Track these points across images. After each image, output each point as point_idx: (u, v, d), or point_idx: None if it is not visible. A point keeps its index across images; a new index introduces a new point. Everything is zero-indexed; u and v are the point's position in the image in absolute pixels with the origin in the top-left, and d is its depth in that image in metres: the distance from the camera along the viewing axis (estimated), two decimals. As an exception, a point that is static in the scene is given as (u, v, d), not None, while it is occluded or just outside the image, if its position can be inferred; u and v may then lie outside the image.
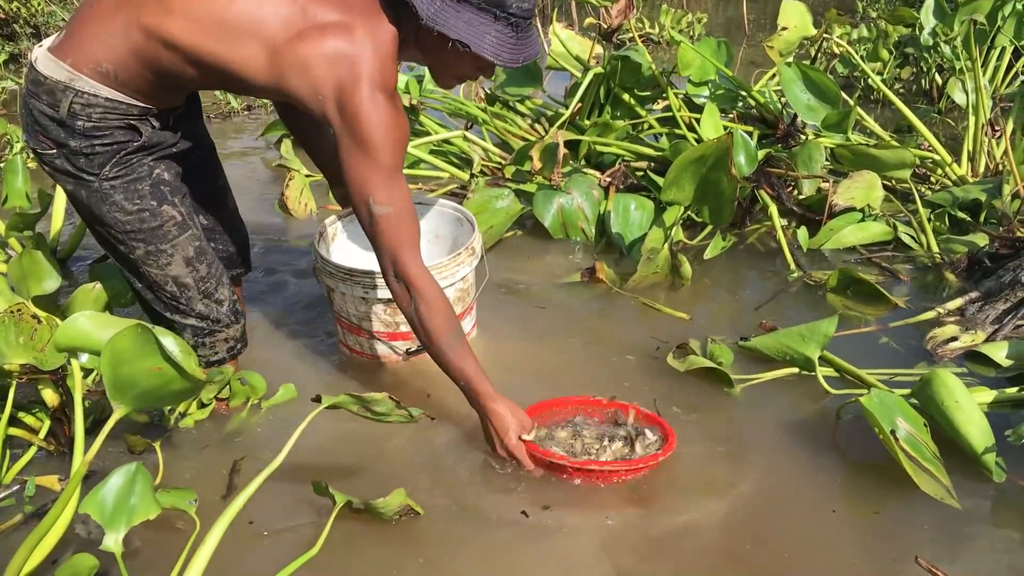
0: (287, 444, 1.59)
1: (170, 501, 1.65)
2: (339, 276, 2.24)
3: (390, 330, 2.31)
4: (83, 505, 1.42)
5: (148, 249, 1.98)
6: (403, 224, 1.85)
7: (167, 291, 2.04)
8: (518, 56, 1.82)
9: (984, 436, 1.98)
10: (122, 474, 1.44)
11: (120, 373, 1.44)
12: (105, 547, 1.40)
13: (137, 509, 1.44)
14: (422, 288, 1.87)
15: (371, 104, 1.75)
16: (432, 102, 4.14)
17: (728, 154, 2.80)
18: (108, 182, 1.89)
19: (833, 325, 2.24)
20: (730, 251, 3.19)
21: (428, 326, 1.89)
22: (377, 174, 1.80)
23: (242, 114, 5.17)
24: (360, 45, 1.75)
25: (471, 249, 2.34)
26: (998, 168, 3.58)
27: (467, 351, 1.94)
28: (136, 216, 1.93)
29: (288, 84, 1.77)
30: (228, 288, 2.14)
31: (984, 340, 2.50)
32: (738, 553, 1.78)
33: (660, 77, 3.60)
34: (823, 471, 2.03)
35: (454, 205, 2.56)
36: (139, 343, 1.41)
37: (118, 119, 1.85)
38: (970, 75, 3.74)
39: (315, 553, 1.62)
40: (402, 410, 1.72)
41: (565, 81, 4.49)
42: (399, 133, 1.80)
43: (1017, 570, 1.74)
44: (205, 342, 2.13)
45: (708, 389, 2.33)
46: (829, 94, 3.47)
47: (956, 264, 2.99)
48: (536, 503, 1.91)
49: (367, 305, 2.26)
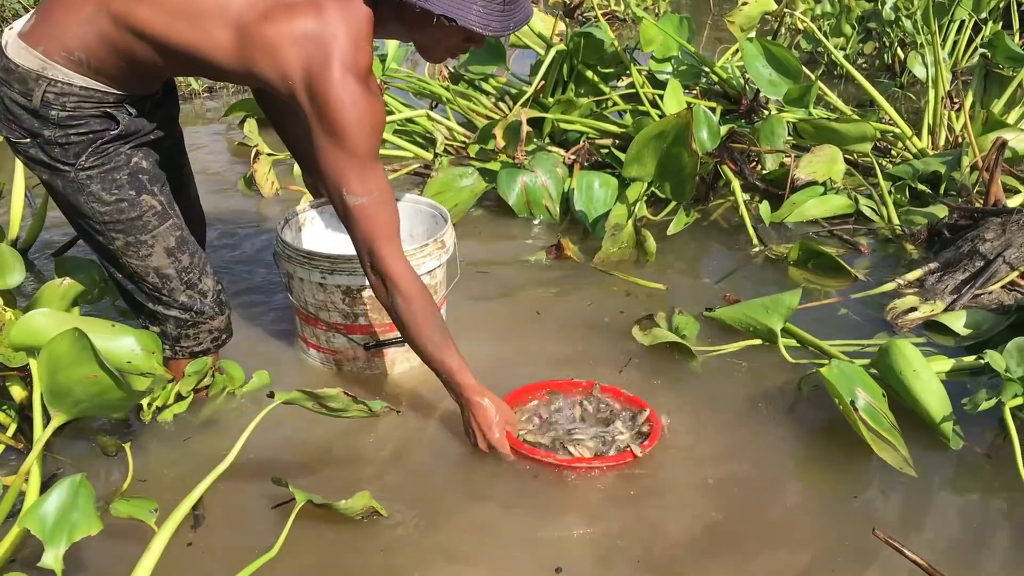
0: (236, 445, 1.52)
1: (128, 511, 1.53)
2: (297, 260, 2.17)
3: (348, 321, 2.23)
4: (23, 519, 1.33)
5: (128, 240, 1.91)
6: (380, 214, 1.79)
7: (149, 282, 1.97)
8: (508, 23, 1.73)
9: (942, 404, 2.01)
10: (64, 488, 1.34)
11: (57, 380, 1.37)
12: (44, 564, 1.31)
13: (79, 525, 1.34)
14: (399, 280, 1.82)
15: (342, 88, 1.67)
16: (396, 81, 4.11)
17: (688, 130, 2.80)
18: (84, 172, 1.83)
19: (796, 297, 2.26)
20: (694, 227, 3.20)
21: (407, 319, 1.85)
22: (350, 163, 1.73)
23: (203, 96, 5.11)
24: (331, 25, 1.67)
25: (440, 242, 2.25)
26: (957, 141, 3.62)
27: (449, 343, 1.90)
28: (114, 207, 1.87)
29: (257, 68, 1.70)
30: (212, 278, 2.07)
31: (943, 310, 2.53)
32: (695, 522, 1.79)
33: (623, 54, 3.59)
34: (784, 441, 2.05)
35: (429, 202, 2.48)
36: (76, 349, 1.34)
37: (93, 107, 1.78)
38: (930, 49, 3.77)
39: (274, 555, 1.52)
40: (360, 405, 1.65)
41: (530, 59, 4.47)
42: (373, 119, 1.72)
43: (975, 537, 1.77)
44: (189, 333, 2.06)
45: (673, 360, 2.35)
46: (791, 69, 3.48)
47: (916, 236, 3.02)
48: (509, 504, 1.86)
49: (325, 293, 2.18)
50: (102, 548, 1.65)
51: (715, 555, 1.70)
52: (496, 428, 1.93)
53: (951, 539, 1.76)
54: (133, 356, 1.62)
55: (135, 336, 1.60)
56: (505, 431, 1.94)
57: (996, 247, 2.61)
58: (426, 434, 2.09)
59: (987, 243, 2.64)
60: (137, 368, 1.63)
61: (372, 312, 2.20)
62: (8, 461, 1.95)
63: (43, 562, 1.31)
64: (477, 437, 1.95)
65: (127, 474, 1.84)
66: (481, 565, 1.69)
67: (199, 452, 1.98)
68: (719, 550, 1.71)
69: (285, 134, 2.33)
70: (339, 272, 2.14)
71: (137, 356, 1.61)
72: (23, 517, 1.33)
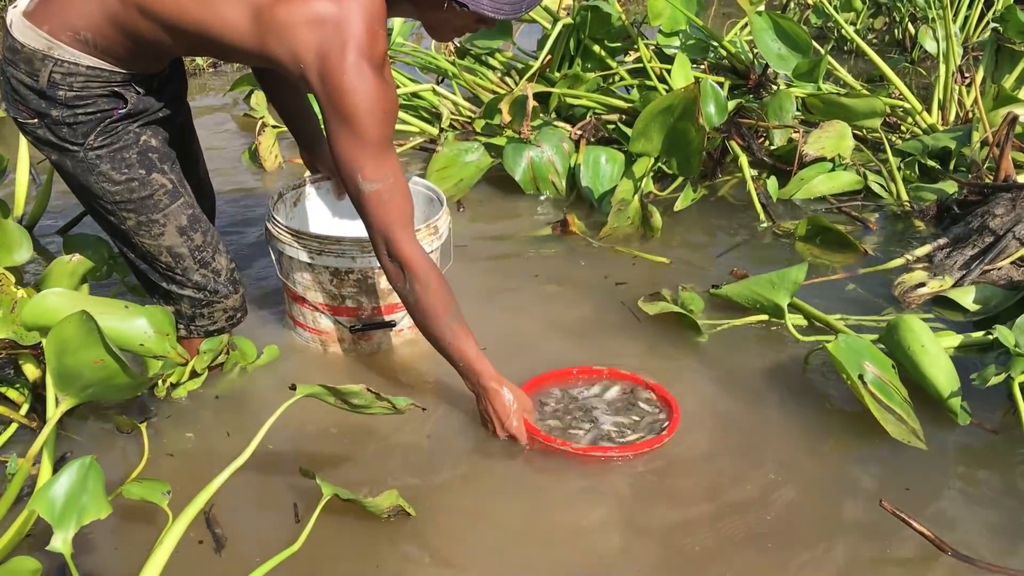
0: (256, 436, 1.46)
1: (140, 493, 1.51)
2: (285, 238, 2.13)
3: (335, 303, 2.19)
4: (33, 501, 1.31)
5: (139, 220, 1.89)
6: (395, 200, 1.77)
7: (162, 262, 1.95)
8: (520, 6, 1.70)
9: (950, 380, 2.00)
10: (73, 470, 1.32)
11: (65, 363, 1.34)
12: (52, 548, 1.28)
13: (88, 508, 1.31)
14: (416, 267, 1.79)
15: (356, 75, 1.64)
16: (402, 56, 4.08)
17: (696, 104, 2.77)
18: (93, 152, 1.81)
19: (803, 272, 2.24)
20: (701, 202, 3.18)
21: (424, 306, 1.82)
22: (364, 149, 1.71)
23: (207, 72, 5.08)
24: (346, 8, 1.63)
25: (433, 227, 2.18)
26: (968, 116, 3.59)
27: (466, 330, 1.87)
28: (124, 186, 1.85)
29: (268, 49, 1.68)
30: (226, 256, 2.05)
31: (952, 285, 2.51)
32: (702, 497, 1.79)
33: (630, 27, 3.56)
34: (791, 415, 2.04)
35: (427, 184, 2.42)
36: (83, 332, 1.31)
37: (101, 87, 1.76)
38: (941, 23, 3.72)
39: (296, 550, 1.46)
40: (383, 401, 1.59)
41: (537, 34, 4.43)
42: (387, 105, 1.70)
43: (982, 511, 1.76)
44: (203, 312, 2.04)
45: (679, 336, 2.34)
46: (800, 43, 3.44)
47: (925, 212, 3.00)
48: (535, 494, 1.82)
49: (312, 273, 2.15)
50: (114, 530, 1.64)
51: (725, 528, 1.70)
52: (514, 416, 1.89)
53: (958, 513, 1.75)
54: (146, 338, 1.58)
55: (148, 317, 1.55)
56: (523, 419, 1.91)
57: (1006, 223, 2.59)
58: (449, 426, 2.02)
59: (997, 219, 2.62)
60: (150, 351, 1.60)
61: (360, 295, 2.17)
62: (21, 439, 1.93)
63: (52, 546, 1.28)
64: (495, 425, 1.92)
65: (142, 454, 1.83)
66: (503, 563, 1.65)
67: (215, 432, 1.97)
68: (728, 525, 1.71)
69: (282, 108, 2.31)
70: (327, 253, 2.09)
71: (150, 338, 1.57)
72: (33, 500, 1.31)
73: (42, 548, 1.33)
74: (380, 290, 2.18)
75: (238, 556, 1.61)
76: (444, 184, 3.24)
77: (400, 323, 2.24)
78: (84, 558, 1.59)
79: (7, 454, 1.86)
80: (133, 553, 1.58)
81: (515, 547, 1.68)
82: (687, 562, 1.63)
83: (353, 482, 1.74)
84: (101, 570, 1.58)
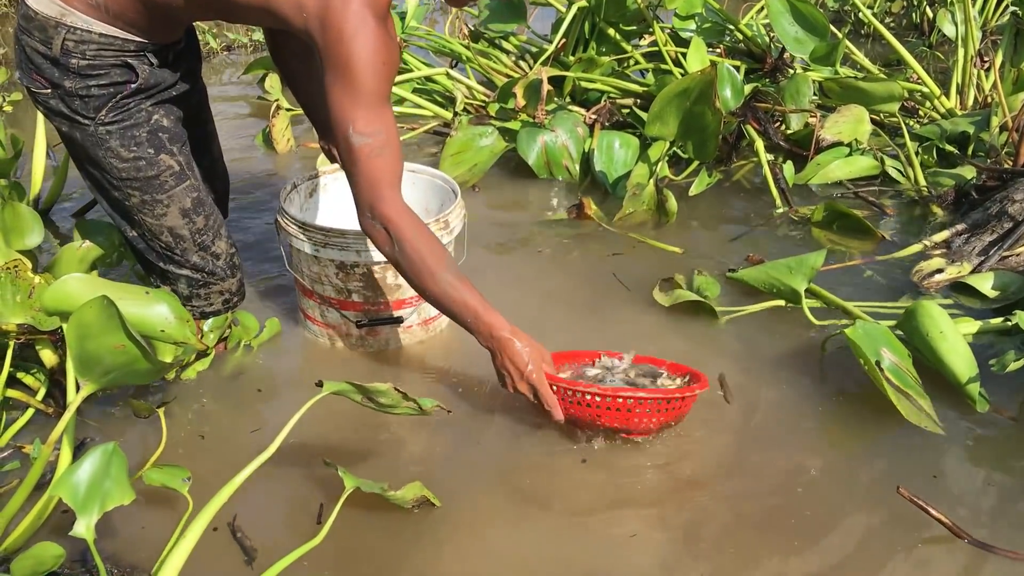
0: (282, 432, 1.44)
1: (161, 479, 1.51)
2: (292, 230, 2.11)
3: (342, 297, 2.15)
4: (55, 487, 1.31)
5: (144, 198, 1.89)
6: (385, 157, 1.71)
7: (162, 241, 1.96)
8: None
9: (968, 366, 1.98)
10: (96, 456, 1.32)
11: (86, 348, 1.34)
12: (75, 533, 1.29)
13: (111, 494, 1.31)
14: (402, 225, 1.71)
15: (359, 21, 1.61)
16: (416, 40, 4.07)
17: (712, 87, 2.75)
18: (104, 127, 1.81)
19: (821, 258, 2.23)
20: (716, 187, 3.16)
21: (417, 267, 1.73)
22: (358, 100, 1.66)
23: (221, 54, 5.08)
24: None
25: (443, 222, 2.11)
26: (986, 100, 3.55)
27: (467, 283, 1.77)
28: (132, 164, 1.85)
29: (275, 2, 1.67)
30: (226, 240, 2.05)
31: (970, 272, 2.49)
32: (720, 483, 1.79)
33: (646, 11, 3.53)
34: (807, 401, 2.03)
35: (443, 176, 2.38)
36: (104, 317, 1.30)
37: (114, 56, 1.76)
38: (959, 6, 3.68)
39: (318, 542, 1.44)
40: (410, 402, 1.55)
41: (551, 17, 4.41)
42: (387, 56, 1.66)
43: (999, 499, 1.75)
44: (200, 293, 2.05)
45: (695, 321, 2.33)
46: (817, 26, 3.41)
47: (943, 197, 2.98)
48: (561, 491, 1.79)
49: (319, 266, 2.12)
50: (134, 515, 1.63)
51: (742, 510, 1.70)
52: (532, 366, 1.78)
53: (975, 500, 1.74)
54: (167, 324, 1.57)
55: (169, 304, 1.54)
56: (542, 369, 1.80)
57: (1025, 208, 2.57)
58: (466, 422, 1.99)
59: (1016, 204, 2.59)
60: (171, 337, 1.60)
61: (366, 289, 2.14)
62: (38, 425, 1.93)
63: (75, 531, 1.29)
64: (513, 377, 1.80)
65: (160, 439, 1.83)
66: (525, 556, 1.63)
67: (229, 416, 1.98)
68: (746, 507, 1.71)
69: (299, 92, 2.30)
70: (332, 246, 2.05)
71: (171, 324, 1.56)
72: (55, 485, 1.32)
73: (62, 534, 1.33)
74: (388, 285, 2.14)
75: (260, 549, 1.60)
76: (458, 169, 3.23)
77: (408, 319, 2.20)
78: (104, 543, 1.59)
79: (24, 440, 1.87)
80: (153, 538, 1.59)
81: (541, 537, 1.67)
82: (706, 544, 1.63)
83: (374, 474, 1.71)
84: (121, 555, 1.58)
